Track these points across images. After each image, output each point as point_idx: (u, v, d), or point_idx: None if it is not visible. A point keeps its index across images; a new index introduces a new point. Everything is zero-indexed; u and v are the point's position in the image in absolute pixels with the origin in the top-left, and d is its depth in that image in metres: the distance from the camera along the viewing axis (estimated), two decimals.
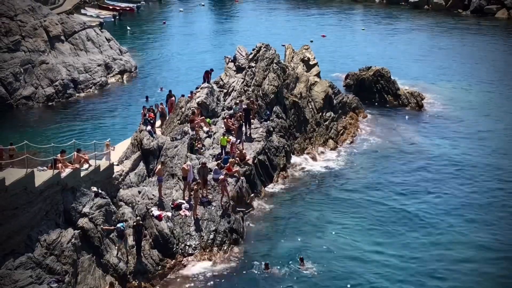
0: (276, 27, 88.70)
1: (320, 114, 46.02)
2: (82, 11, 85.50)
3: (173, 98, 42.58)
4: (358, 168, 40.95)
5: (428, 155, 43.45)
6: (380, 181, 38.89)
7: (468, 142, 46.15)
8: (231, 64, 45.78)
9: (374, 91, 55.43)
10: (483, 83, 62.39)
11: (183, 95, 41.94)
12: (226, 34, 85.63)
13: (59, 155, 28.74)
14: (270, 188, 37.63)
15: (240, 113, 39.42)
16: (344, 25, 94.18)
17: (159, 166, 32.36)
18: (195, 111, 38.69)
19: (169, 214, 30.74)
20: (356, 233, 32.44)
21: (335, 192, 37.34)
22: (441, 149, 44.62)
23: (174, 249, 29.47)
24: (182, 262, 29.08)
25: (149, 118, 37.62)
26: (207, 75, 43.07)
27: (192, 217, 30.94)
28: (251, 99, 41.37)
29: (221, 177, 32.77)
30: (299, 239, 31.54)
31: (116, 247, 27.99)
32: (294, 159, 41.57)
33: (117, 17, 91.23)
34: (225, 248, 30.21)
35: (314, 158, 42.21)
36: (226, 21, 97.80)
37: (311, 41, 69.37)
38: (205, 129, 38.23)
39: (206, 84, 42.29)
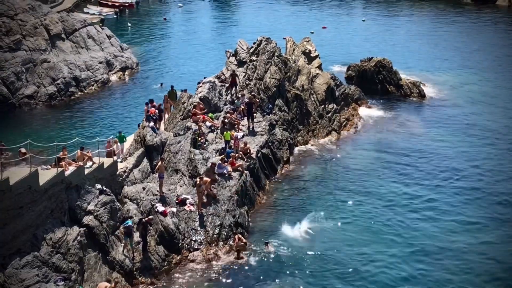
0: (276, 20, 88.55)
1: (323, 106, 45.98)
2: (85, 9, 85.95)
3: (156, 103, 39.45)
4: (361, 160, 40.91)
5: (432, 144, 43.41)
6: (383, 173, 38.88)
7: (471, 131, 46.11)
8: (232, 58, 45.72)
9: (376, 82, 55.42)
10: (485, 72, 62.29)
11: (185, 90, 41.85)
12: (227, 28, 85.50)
13: (61, 152, 28.79)
14: (274, 180, 37.67)
15: (243, 107, 39.42)
16: (345, 16, 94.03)
17: (159, 163, 32.41)
18: (196, 105, 38.70)
19: (174, 209, 30.78)
20: (357, 223, 32.55)
21: (337, 183, 37.34)
22: (444, 138, 44.57)
23: (180, 244, 29.53)
24: (188, 257, 29.14)
25: (151, 114, 37.57)
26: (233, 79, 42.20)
27: (197, 212, 31.00)
28: (253, 93, 41.32)
29: (225, 171, 32.97)
30: (303, 231, 31.59)
31: (122, 244, 28.08)
32: (297, 150, 41.69)
33: (119, 13, 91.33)
34: (230, 242, 30.23)
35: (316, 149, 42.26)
36: (226, 15, 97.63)
37: (312, 33, 69.27)
38: (208, 124, 38.21)
39: (208, 79, 42.26)
